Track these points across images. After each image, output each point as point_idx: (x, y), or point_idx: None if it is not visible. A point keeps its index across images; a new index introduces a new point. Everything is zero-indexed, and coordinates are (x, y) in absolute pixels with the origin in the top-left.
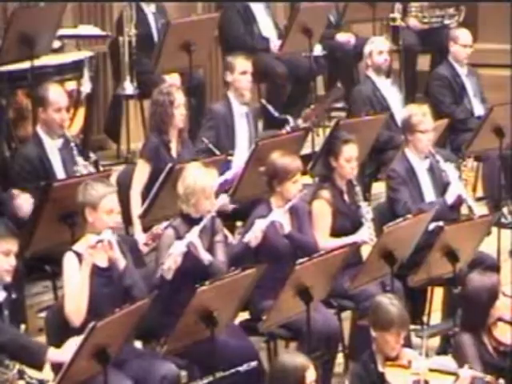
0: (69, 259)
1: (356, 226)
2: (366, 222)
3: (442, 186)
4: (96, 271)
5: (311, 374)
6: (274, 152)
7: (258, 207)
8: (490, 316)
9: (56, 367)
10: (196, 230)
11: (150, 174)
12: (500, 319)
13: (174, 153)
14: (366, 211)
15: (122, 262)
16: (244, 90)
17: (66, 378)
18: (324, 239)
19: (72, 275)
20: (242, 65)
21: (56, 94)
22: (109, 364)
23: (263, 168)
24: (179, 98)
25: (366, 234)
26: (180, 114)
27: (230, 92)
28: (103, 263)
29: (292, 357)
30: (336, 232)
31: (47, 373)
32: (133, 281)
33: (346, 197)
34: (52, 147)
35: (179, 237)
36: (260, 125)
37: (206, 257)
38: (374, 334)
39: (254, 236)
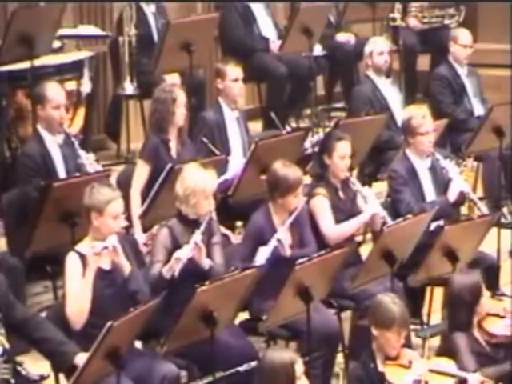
0: (71, 259)
1: None
2: (370, 198)
3: (443, 185)
4: (99, 274)
5: (299, 367)
6: (276, 162)
7: (256, 213)
8: (477, 313)
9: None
10: (198, 232)
11: (149, 174)
12: (488, 314)
13: (173, 153)
14: (367, 192)
15: (127, 268)
16: (236, 97)
17: (81, 379)
18: (333, 228)
19: (74, 276)
20: (233, 72)
21: (54, 91)
22: (121, 364)
23: (264, 177)
24: (181, 96)
25: (374, 207)
26: (181, 113)
27: (221, 98)
28: (106, 266)
29: (279, 353)
30: None
31: (46, 368)
32: (138, 286)
33: (340, 194)
34: (53, 144)
35: (174, 237)
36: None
37: (206, 262)
38: (374, 332)
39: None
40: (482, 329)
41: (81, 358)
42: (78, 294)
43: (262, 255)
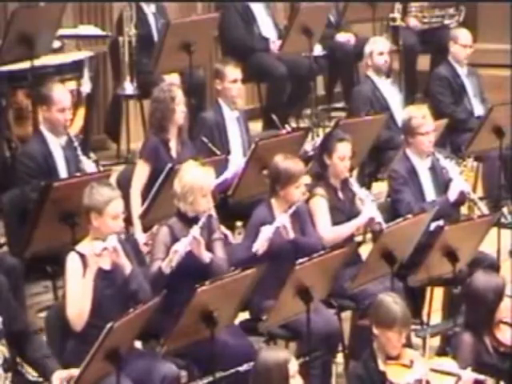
0: (72, 260)
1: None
2: (367, 201)
3: (443, 185)
4: (100, 274)
5: (293, 366)
6: (277, 155)
7: (258, 208)
8: (495, 317)
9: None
10: (196, 227)
11: (149, 174)
12: (502, 321)
13: (173, 153)
14: (365, 194)
15: (127, 267)
16: (235, 98)
17: (82, 380)
18: (329, 230)
19: (74, 277)
20: (232, 73)
21: (60, 93)
22: (120, 364)
23: (266, 171)
24: (179, 94)
25: (371, 211)
26: (181, 111)
27: (220, 98)
28: (106, 266)
29: (273, 352)
30: None
31: None
32: (138, 285)
33: (340, 194)
34: (55, 145)
35: (174, 235)
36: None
37: (206, 255)
38: (375, 331)
39: (260, 245)
40: (493, 336)
41: (56, 377)
42: (78, 295)
43: (264, 234)
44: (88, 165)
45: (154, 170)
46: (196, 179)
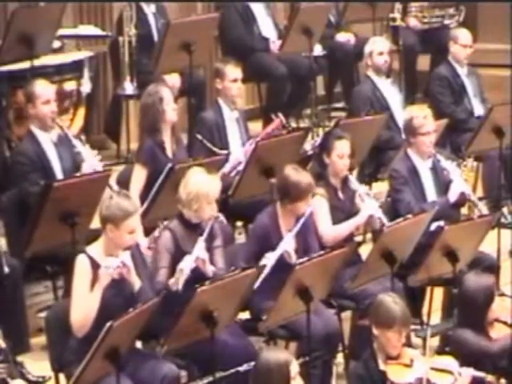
0: (81, 262)
1: None
2: (366, 198)
3: (444, 185)
4: (109, 282)
5: (294, 367)
6: (287, 167)
7: (262, 214)
8: (487, 317)
9: (56, 367)
10: (201, 242)
11: (147, 177)
12: (497, 320)
13: (169, 153)
14: (364, 191)
15: (137, 284)
16: (235, 98)
17: (81, 379)
18: (331, 229)
19: (82, 280)
20: (232, 73)
21: (42, 87)
22: (120, 364)
23: (274, 180)
24: (167, 94)
25: (371, 208)
26: (172, 109)
27: (220, 98)
28: (116, 274)
29: (274, 353)
30: None
31: (47, 369)
32: (147, 300)
33: (340, 193)
34: (47, 141)
35: (176, 240)
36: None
37: (210, 270)
38: (375, 331)
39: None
40: (487, 335)
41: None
42: (84, 305)
43: (270, 262)
44: (84, 151)
45: (152, 173)
46: (202, 187)
